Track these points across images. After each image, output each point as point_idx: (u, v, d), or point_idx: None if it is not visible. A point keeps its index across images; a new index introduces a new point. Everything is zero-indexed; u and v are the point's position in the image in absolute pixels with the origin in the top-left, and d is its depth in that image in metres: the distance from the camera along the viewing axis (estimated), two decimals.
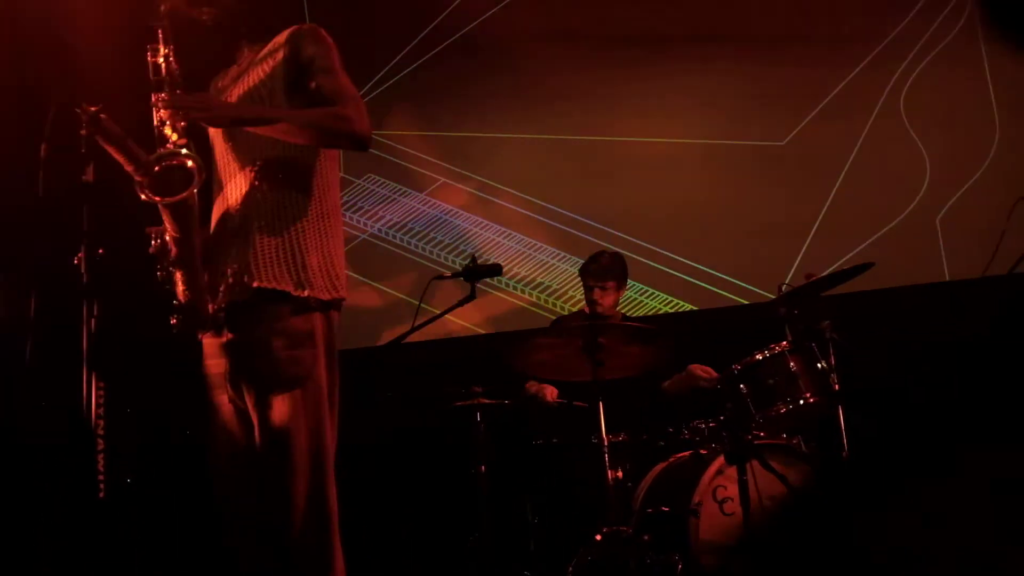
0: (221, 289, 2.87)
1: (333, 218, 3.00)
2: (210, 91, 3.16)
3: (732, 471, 4.05)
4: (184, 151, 2.72)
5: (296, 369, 2.81)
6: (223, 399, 2.93)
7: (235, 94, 3.01)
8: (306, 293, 2.85)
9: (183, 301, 2.80)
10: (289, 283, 2.85)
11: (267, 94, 2.94)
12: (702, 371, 4.90)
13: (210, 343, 2.96)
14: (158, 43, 2.83)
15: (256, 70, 3.00)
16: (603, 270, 5.08)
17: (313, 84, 2.92)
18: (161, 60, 2.81)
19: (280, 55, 2.97)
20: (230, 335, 2.88)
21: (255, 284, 2.83)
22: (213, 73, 3.19)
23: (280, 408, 2.79)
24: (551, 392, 4.95)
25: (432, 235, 6.25)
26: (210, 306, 2.85)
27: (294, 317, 2.84)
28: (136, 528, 4.29)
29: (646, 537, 4.15)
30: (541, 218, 6.14)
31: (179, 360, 3.09)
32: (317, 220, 2.94)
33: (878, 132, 5.86)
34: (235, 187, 2.95)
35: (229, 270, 2.88)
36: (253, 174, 2.93)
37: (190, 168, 2.70)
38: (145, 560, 4.61)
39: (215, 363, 2.95)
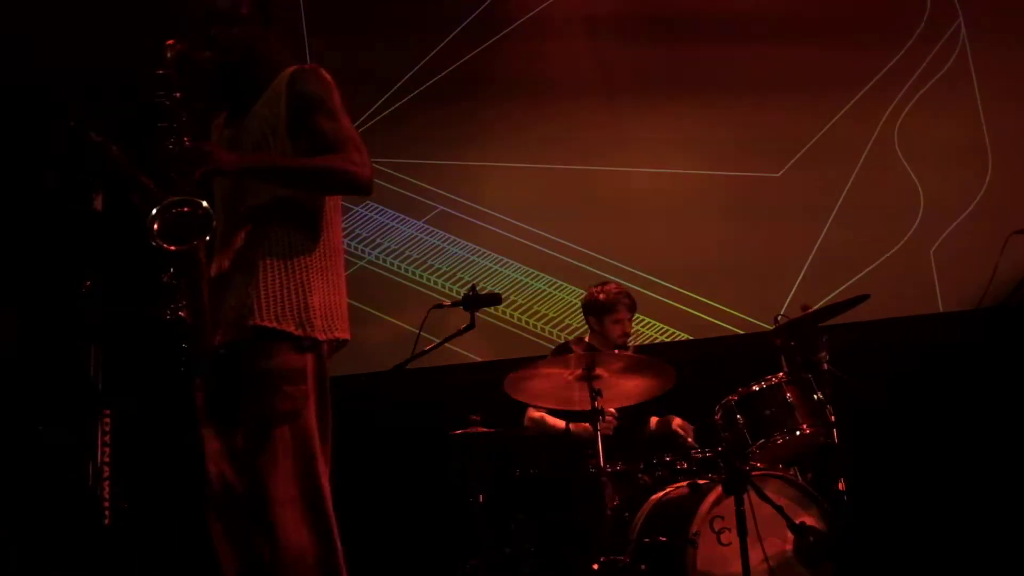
0: (222, 326, 2.89)
1: (336, 257, 3.02)
2: (215, 129, 3.18)
3: (729, 501, 4.06)
4: (195, 199, 2.73)
5: (287, 405, 2.82)
6: (212, 432, 2.94)
7: (240, 138, 3.03)
8: (305, 333, 2.87)
9: (190, 342, 2.82)
10: (291, 323, 2.87)
11: (271, 135, 2.96)
12: (680, 427, 4.98)
13: (205, 379, 2.96)
14: (167, 90, 2.86)
15: (260, 112, 3.01)
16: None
17: (314, 126, 2.94)
18: (169, 105, 2.84)
19: (282, 97, 2.98)
20: (224, 369, 2.89)
21: (257, 323, 2.84)
22: (219, 112, 3.21)
23: (268, 443, 2.80)
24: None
25: (430, 263, 6.28)
26: (213, 341, 2.86)
27: (288, 354, 2.86)
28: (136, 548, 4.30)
29: (643, 567, 4.16)
30: (539, 247, 6.17)
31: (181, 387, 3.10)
32: (321, 260, 2.96)
33: (873, 164, 5.91)
34: (239, 223, 2.96)
35: (231, 307, 2.89)
36: (258, 211, 2.94)
37: (200, 215, 2.72)
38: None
39: (208, 397, 2.96)
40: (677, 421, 5.08)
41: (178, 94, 2.85)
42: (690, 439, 4.98)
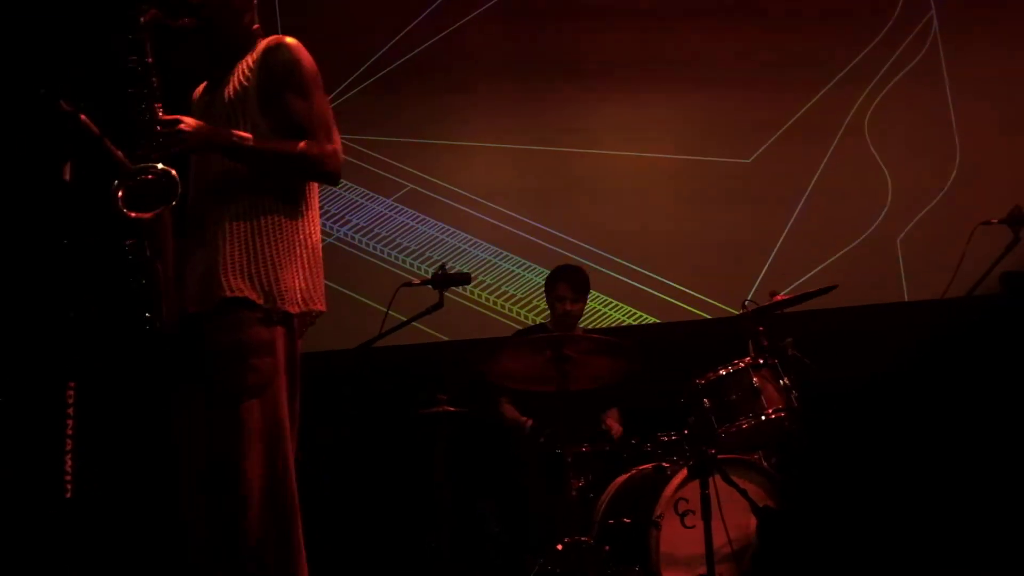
0: (188, 295, 2.86)
1: (312, 228, 3.01)
2: (192, 99, 3.15)
3: (694, 484, 4.09)
4: (161, 166, 2.71)
5: (254, 378, 2.80)
6: (180, 405, 2.92)
7: (214, 103, 3.01)
8: (274, 306, 2.85)
9: (153, 309, 2.79)
10: (257, 293, 2.84)
11: (241, 106, 2.94)
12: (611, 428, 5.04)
13: (172, 348, 2.94)
14: (139, 55, 2.83)
15: (233, 83, 2.98)
16: (581, 284, 5.21)
17: (286, 105, 2.92)
18: (140, 71, 2.81)
19: (256, 70, 2.96)
20: (192, 340, 2.87)
21: (223, 294, 2.82)
22: (194, 82, 3.18)
23: (236, 417, 2.78)
24: (528, 423, 5.01)
25: (398, 241, 6.25)
26: (175, 312, 2.83)
27: (256, 326, 2.84)
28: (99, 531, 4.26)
29: (607, 548, 4.18)
30: (507, 227, 6.16)
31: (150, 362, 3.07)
32: (294, 231, 2.94)
33: (842, 153, 5.95)
34: (213, 192, 2.94)
35: (198, 276, 2.87)
36: (233, 181, 2.92)
37: (165, 182, 2.70)
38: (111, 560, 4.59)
39: (175, 368, 2.94)
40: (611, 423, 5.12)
41: (150, 59, 2.82)
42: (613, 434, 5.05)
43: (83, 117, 2.78)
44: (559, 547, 4.14)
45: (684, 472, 4.18)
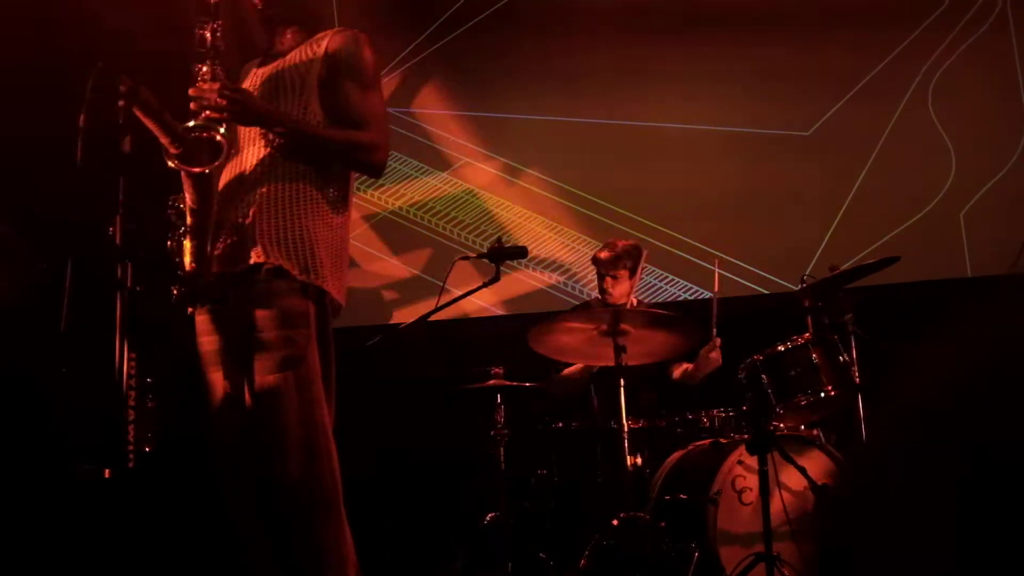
0: (220, 257, 2.88)
1: (344, 208, 3.02)
2: (243, 73, 3.17)
3: (752, 461, 4.05)
4: (215, 125, 2.74)
5: (289, 350, 2.82)
6: (217, 376, 2.93)
7: (273, 81, 3.02)
8: (309, 279, 2.86)
9: (188, 271, 2.81)
10: (292, 264, 2.85)
11: (300, 89, 2.96)
12: (711, 351, 4.88)
13: (204, 319, 2.96)
14: (208, 17, 2.85)
15: (293, 59, 3.01)
16: (613, 262, 5.00)
17: (344, 93, 2.96)
18: (208, 34, 2.83)
19: (320, 51, 3.00)
20: (226, 310, 2.88)
21: (258, 259, 2.84)
22: (252, 55, 3.20)
23: (272, 388, 2.79)
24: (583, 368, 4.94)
25: (453, 214, 6.24)
26: (210, 276, 2.86)
27: (291, 297, 2.85)
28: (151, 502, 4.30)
29: (663, 524, 4.16)
30: (562, 201, 6.13)
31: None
32: (331, 207, 2.96)
33: (905, 124, 5.83)
34: (252, 157, 2.95)
35: (232, 239, 2.88)
36: (274, 150, 2.94)
37: (218, 142, 2.72)
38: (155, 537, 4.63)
39: (209, 340, 2.96)
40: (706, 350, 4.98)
41: (220, 22, 2.85)
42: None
43: (143, 91, 2.79)
44: (615, 522, 4.13)
45: (742, 448, 4.15)
